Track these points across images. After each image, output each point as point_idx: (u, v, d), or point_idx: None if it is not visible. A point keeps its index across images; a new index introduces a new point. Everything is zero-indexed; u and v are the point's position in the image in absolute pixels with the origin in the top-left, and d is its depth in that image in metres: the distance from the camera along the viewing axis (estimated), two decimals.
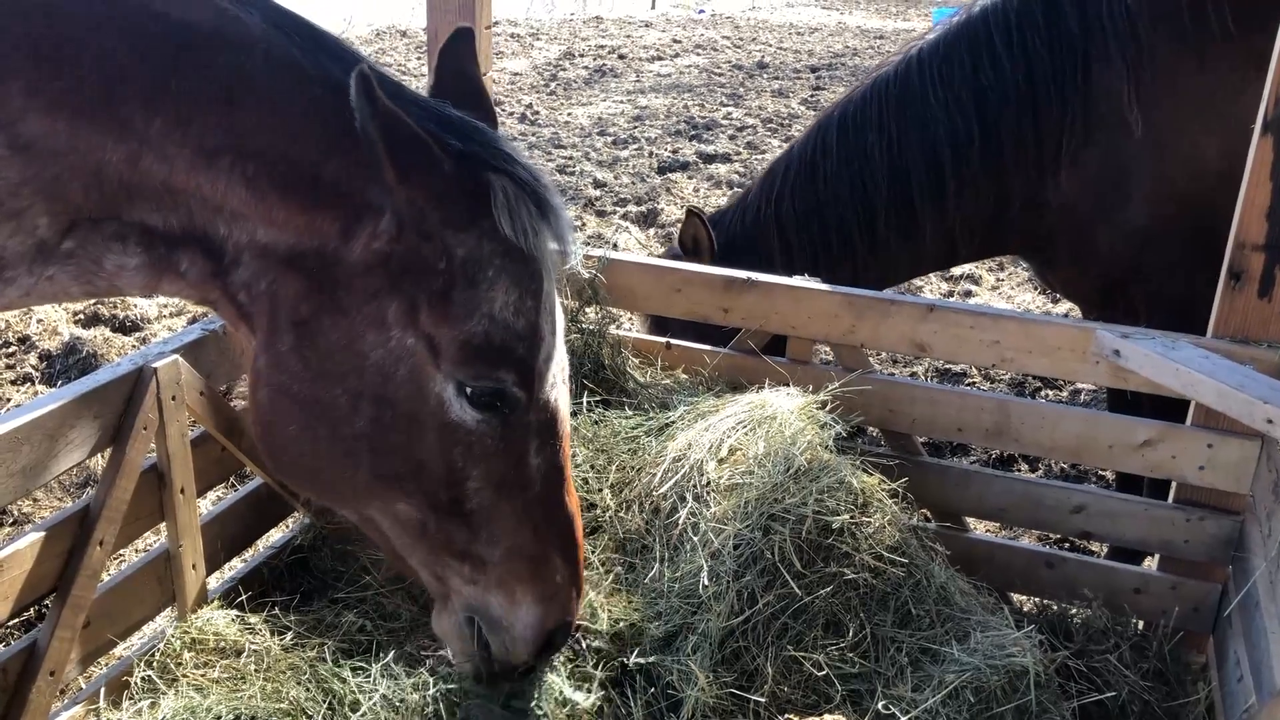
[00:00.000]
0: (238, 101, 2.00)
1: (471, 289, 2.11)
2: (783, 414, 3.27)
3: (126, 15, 1.93)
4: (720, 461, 3.18)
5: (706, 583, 2.92)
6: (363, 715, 2.80)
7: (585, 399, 3.70)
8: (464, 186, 2.07)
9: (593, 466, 3.50)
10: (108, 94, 1.91)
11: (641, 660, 2.94)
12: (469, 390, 2.14)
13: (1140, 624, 3.56)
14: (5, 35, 1.85)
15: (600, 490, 3.44)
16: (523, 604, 2.36)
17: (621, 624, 3.06)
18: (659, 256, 4.53)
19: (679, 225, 4.83)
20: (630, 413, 3.68)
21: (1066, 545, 4.73)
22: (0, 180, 1.88)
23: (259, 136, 2.01)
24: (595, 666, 2.93)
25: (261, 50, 2.01)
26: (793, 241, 4.52)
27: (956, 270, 8.16)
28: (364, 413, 2.13)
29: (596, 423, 3.60)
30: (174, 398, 3.07)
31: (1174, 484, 3.56)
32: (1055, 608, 3.60)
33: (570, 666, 2.93)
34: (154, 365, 3.00)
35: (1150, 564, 3.96)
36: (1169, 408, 3.64)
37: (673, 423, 3.54)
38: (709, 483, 3.16)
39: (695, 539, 3.05)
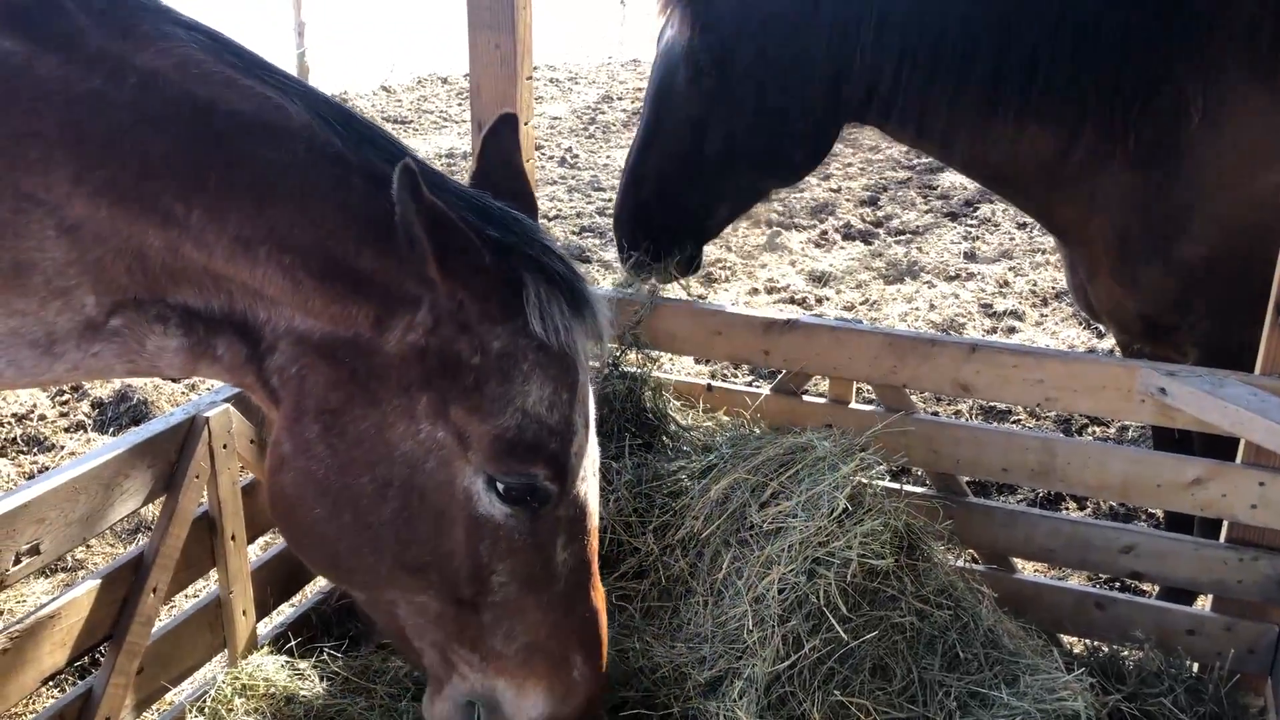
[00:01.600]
0: (276, 194, 2.03)
1: (505, 384, 2.10)
2: (826, 456, 3.27)
3: (169, 105, 1.97)
4: (763, 505, 3.18)
5: (751, 627, 2.92)
6: None
7: (628, 442, 3.72)
8: (502, 281, 2.07)
9: (635, 510, 3.51)
10: (148, 184, 1.95)
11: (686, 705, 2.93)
12: (500, 486, 2.12)
13: (1195, 666, 3.50)
14: (58, 123, 1.90)
15: (644, 534, 3.44)
16: (530, 696, 2.30)
17: (665, 668, 3.06)
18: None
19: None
20: (673, 455, 3.69)
21: (1116, 585, 4.67)
22: (49, 259, 1.94)
23: (297, 228, 2.03)
24: None
25: (304, 140, 2.04)
26: (893, 38, 3.64)
27: (999, 306, 8.12)
28: (391, 502, 2.11)
29: (639, 465, 3.61)
30: (225, 446, 3.12)
31: (1225, 523, 3.51)
32: (1106, 650, 3.55)
33: None
34: (206, 414, 3.06)
35: (1204, 604, 3.90)
36: (1219, 445, 3.58)
37: (715, 466, 3.54)
38: (752, 526, 3.16)
39: (739, 583, 3.05)
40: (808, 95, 3.83)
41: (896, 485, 3.59)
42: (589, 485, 2.29)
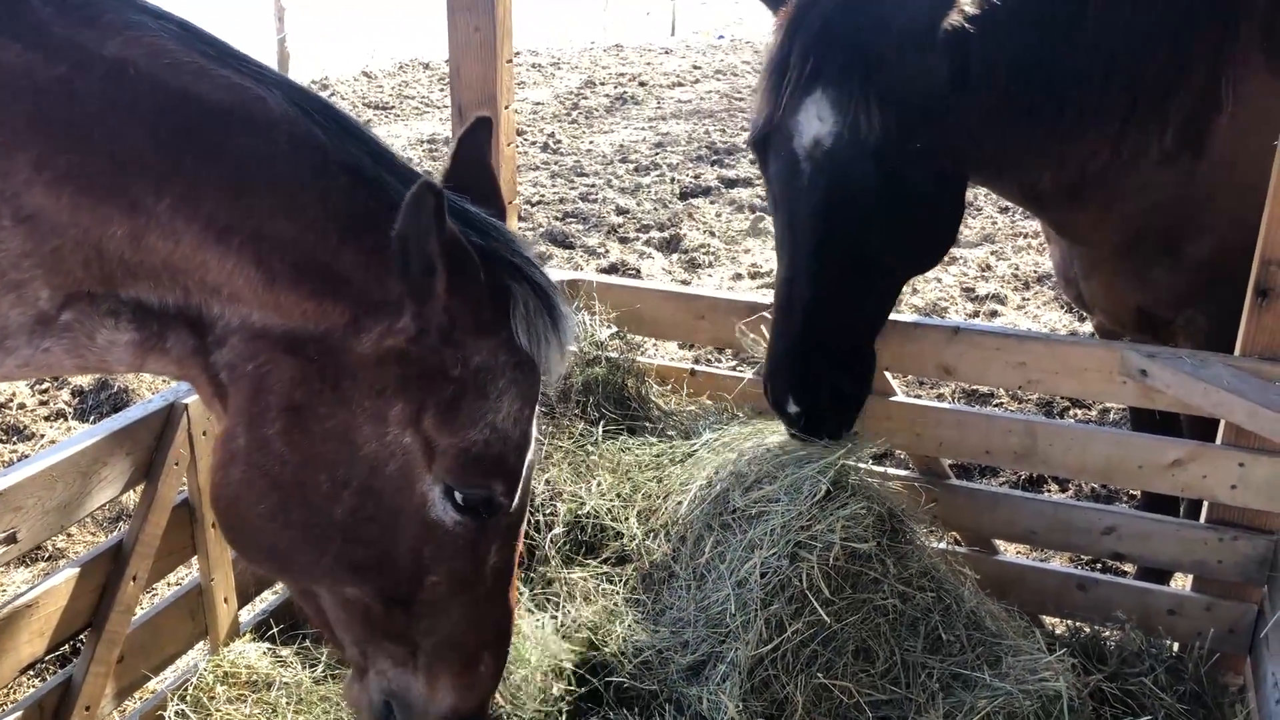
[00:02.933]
0: (254, 182, 1.98)
1: (481, 399, 2.08)
2: (809, 439, 3.27)
3: (143, 93, 1.92)
4: (746, 489, 3.18)
5: (734, 611, 2.92)
6: None
7: (608, 427, 3.72)
8: (491, 295, 2.05)
9: (619, 495, 3.51)
10: (116, 171, 1.90)
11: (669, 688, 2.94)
12: (457, 496, 2.12)
13: (1175, 646, 3.52)
14: (19, 110, 1.86)
15: (626, 519, 3.44)
16: (441, 690, 2.31)
17: (648, 652, 3.06)
18: None
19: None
20: (655, 440, 3.68)
21: (1097, 567, 4.69)
22: (3, 251, 1.88)
23: (274, 220, 1.98)
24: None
25: (284, 131, 2.00)
26: (1002, 76, 3.26)
27: (981, 290, 8.14)
28: (345, 503, 2.08)
29: (622, 450, 3.60)
30: (205, 433, 3.10)
31: (1205, 504, 3.53)
32: (1088, 630, 3.56)
33: None
34: (185, 401, 3.03)
35: (1183, 584, 3.92)
36: (1208, 424, 3.58)
37: (698, 450, 3.54)
38: (735, 510, 3.16)
39: (722, 567, 3.05)
40: (954, 167, 3.36)
41: (880, 469, 3.59)
42: (526, 496, 2.31)
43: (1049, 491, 5.45)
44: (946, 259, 8.85)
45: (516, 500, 2.23)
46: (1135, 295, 3.82)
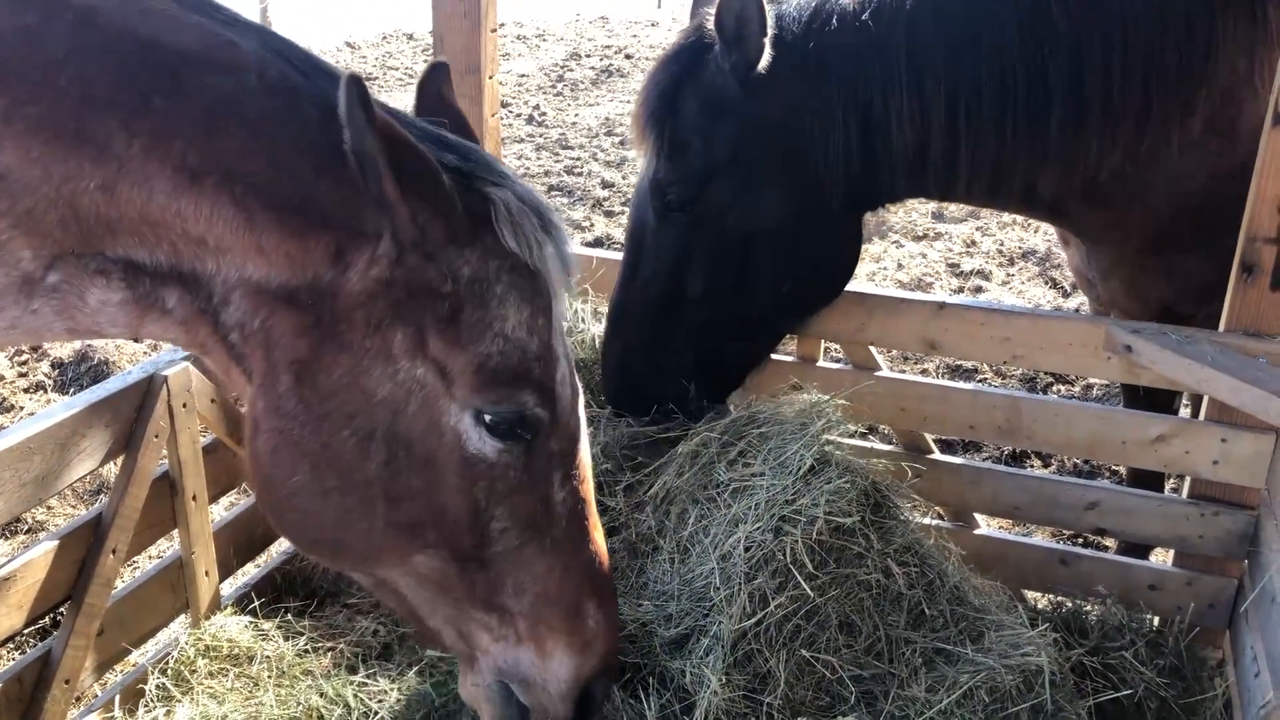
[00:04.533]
0: (225, 121, 1.91)
1: (481, 309, 2.01)
2: (793, 414, 3.26)
3: (110, 40, 1.87)
4: (730, 463, 3.17)
5: (718, 585, 2.91)
6: None
7: (593, 404, 3.70)
8: (465, 201, 1.99)
9: (604, 470, 3.49)
10: (86, 115, 1.84)
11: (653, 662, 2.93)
12: (488, 418, 2.02)
13: (1156, 620, 3.54)
14: None
15: (613, 492, 3.43)
16: (554, 655, 2.21)
17: (632, 625, 3.06)
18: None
19: None
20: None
21: (1079, 542, 4.71)
22: None
23: (247, 158, 1.92)
24: None
25: (255, 71, 1.94)
26: (925, 81, 3.16)
27: (966, 265, 8.14)
28: (375, 455, 2.00)
29: (608, 425, 3.59)
30: (185, 405, 3.07)
31: (1188, 479, 3.54)
32: (1070, 605, 3.58)
33: None
34: (165, 373, 3.01)
35: (1163, 558, 3.94)
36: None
37: (683, 424, 3.52)
38: (720, 484, 3.15)
39: (706, 541, 3.05)
40: (821, 204, 3.30)
41: (864, 443, 3.58)
42: (579, 419, 2.21)
43: (1031, 467, 5.47)
44: (932, 234, 8.86)
45: (563, 420, 2.14)
46: (1161, 291, 3.72)
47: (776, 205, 3.26)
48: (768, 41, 3.09)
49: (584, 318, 3.93)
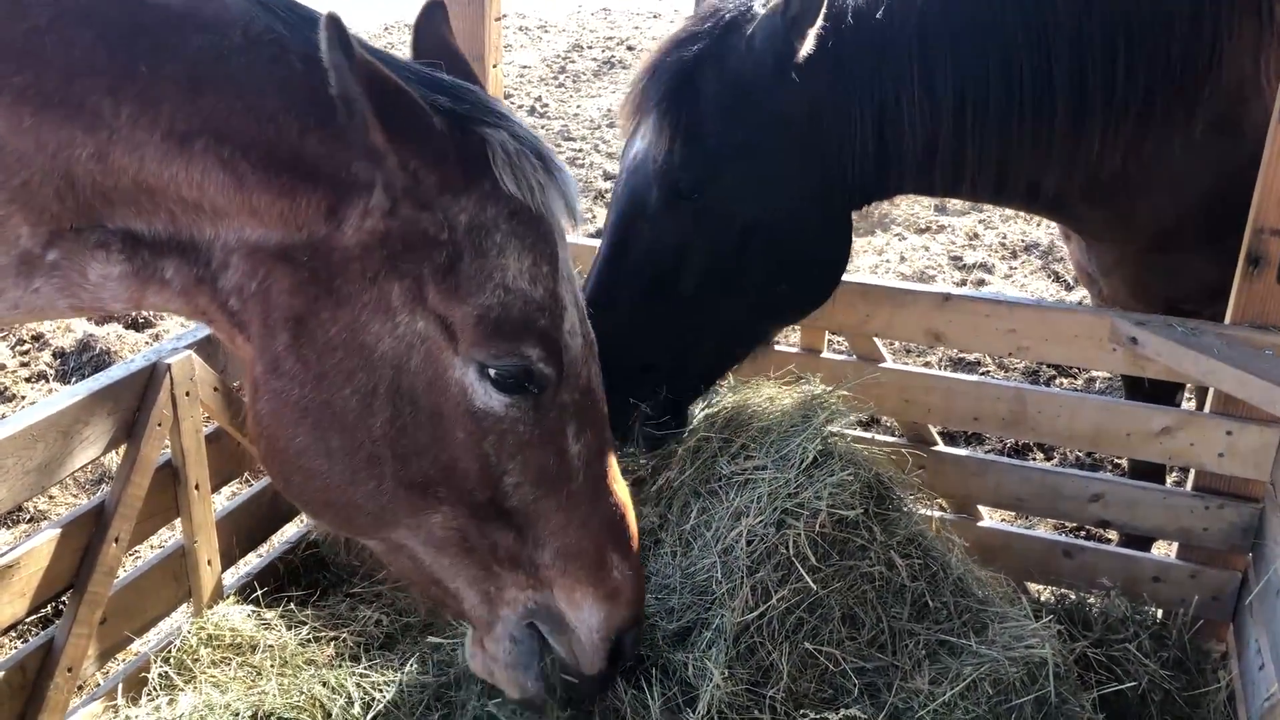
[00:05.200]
0: (210, 81, 1.86)
1: (480, 258, 1.94)
2: (796, 406, 3.25)
3: (93, 3, 1.84)
4: (733, 456, 3.16)
5: (720, 578, 2.91)
6: (379, 712, 2.80)
7: None
8: (459, 146, 1.93)
9: None
10: (74, 83, 1.80)
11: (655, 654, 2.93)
12: (492, 372, 1.97)
13: (1159, 612, 3.54)
14: None
15: None
16: (584, 605, 2.18)
17: None
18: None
19: None
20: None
21: (1081, 534, 4.71)
22: None
23: (235, 117, 1.86)
24: None
25: (240, 27, 1.90)
26: (936, 81, 3.11)
27: (969, 258, 8.13)
28: (380, 412, 1.95)
29: None
30: (188, 393, 3.07)
31: (1192, 471, 3.54)
32: (1073, 597, 3.58)
33: None
34: (168, 361, 3.00)
35: (1165, 551, 3.93)
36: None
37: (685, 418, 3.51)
38: (722, 477, 3.14)
39: (708, 534, 3.04)
40: (830, 197, 3.23)
41: (867, 434, 3.57)
42: (591, 368, 2.15)
43: (1034, 459, 5.47)
44: (934, 227, 8.85)
45: (573, 373, 2.09)
46: (1165, 290, 3.68)
47: (786, 198, 3.17)
48: (812, 32, 3.03)
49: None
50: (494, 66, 4.01)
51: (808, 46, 3.04)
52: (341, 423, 1.96)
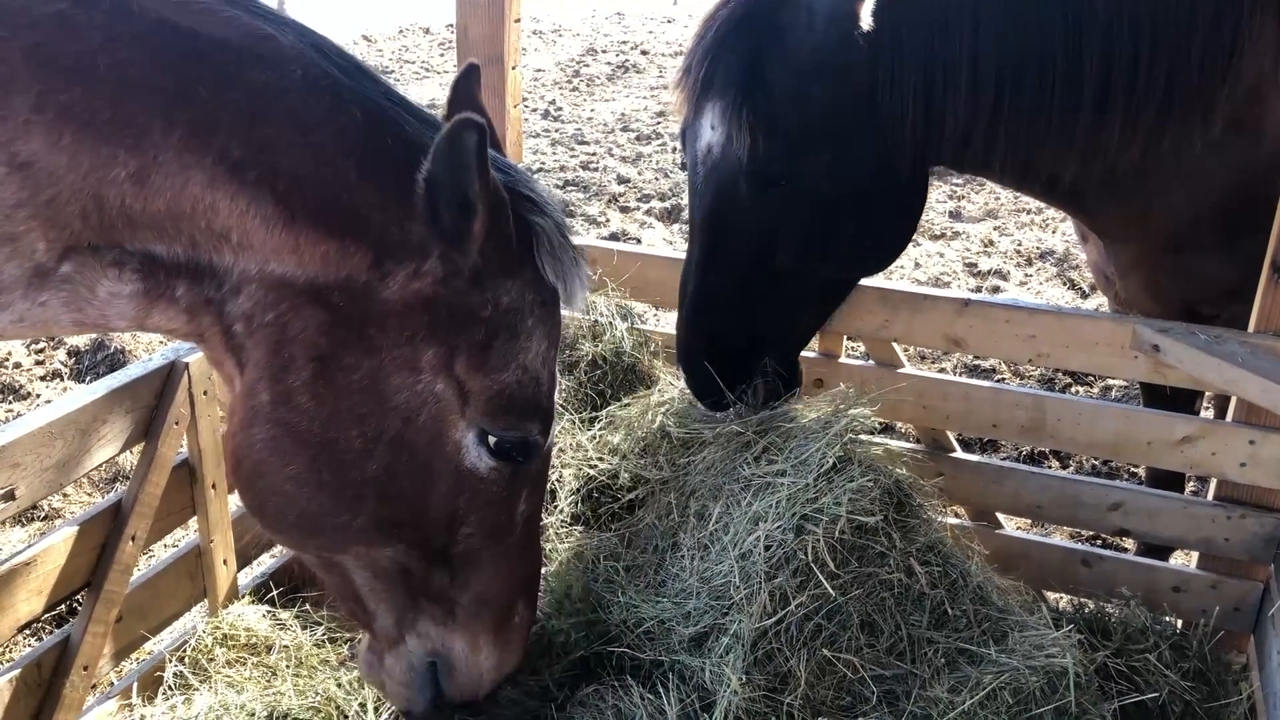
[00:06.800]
0: (269, 115, 1.90)
1: (513, 339, 2.06)
2: (815, 412, 3.23)
3: (148, 28, 1.85)
4: (752, 461, 3.14)
5: (738, 583, 2.89)
6: (393, 712, 2.79)
7: (616, 400, 3.68)
8: (517, 233, 2.03)
9: (625, 466, 3.48)
10: (124, 102, 1.81)
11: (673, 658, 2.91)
12: (492, 440, 2.09)
13: (1179, 623, 3.51)
14: (15, 48, 1.76)
15: (634, 488, 3.41)
16: (484, 649, 2.35)
17: (650, 623, 3.03)
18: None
19: None
20: (662, 409, 3.65)
21: (1098, 542, 4.68)
22: None
23: (293, 152, 1.91)
24: None
25: (297, 68, 1.92)
26: (980, 63, 3.09)
27: (984, 265, 8.10)
28: (378, 458, 2.03)
29: (630, 422, 3.57)
30: (205, 392, 3.06)
31: (1212, 481, 3.51)
32: (1092, 606, 3.55)
33: None
34: (186, 360, 2.99)
35: (1185, 560, 3.90)
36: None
37: (706, 422, 3.50)
38: (741, 481, 3.12)
39: (726, 539, 3.02)
40: (893, 172, 3.23)
41: (884, 440, 3.55)
42: (551, 444, 2.31)
43: (1049, 466, 5.44)
44: (949, 233, 8.82)
45: (547, 445, 2.22)
46: (1181, 291, 3.66)
47: (864, 168, 3.18)
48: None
49: (608, 314, 3.90)
50: (513, 69, 4.00)
51: (867, 14, 3.00)
52: (339, 460, 2.02)
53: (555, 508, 3.48)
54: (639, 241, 8.52)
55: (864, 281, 3.56)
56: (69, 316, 1.94)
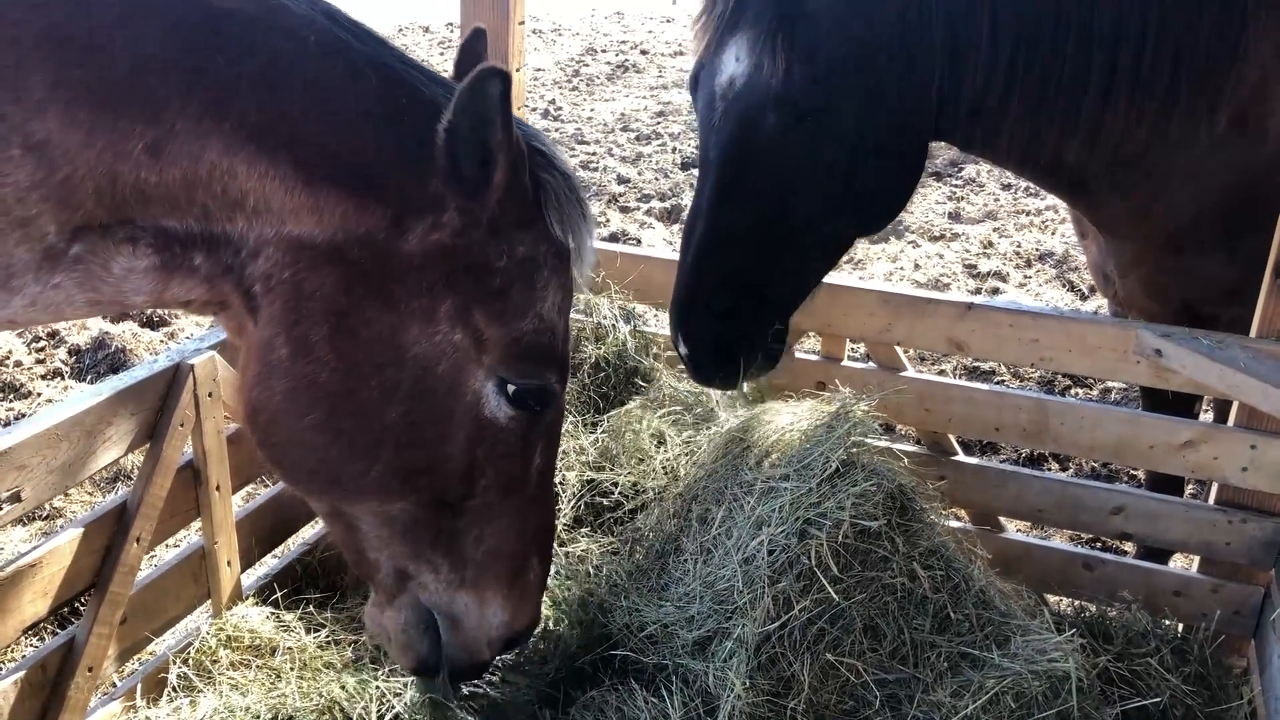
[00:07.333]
0: (286, 81, 1.93)
1: (529, 289, 2.10)
2: (818, 416, 3.24)
3: (161, 3, 1.87)
4: (755, 465, 3.15)
5: (741, 587, 2.89)
6: (397, 714, 2.79)
7: (619, 403, 3.68)
8: (530, 185, 2.08)
9: (628, 469, 3.48)
10: (140, 74, 1.83)
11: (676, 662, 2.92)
12: (511, 388, 2.12)
13: (1180, 627, 3.52)
14: (30, 28, 1.77)
15: (636, 493, 3.42)
16: (493, 604, 2.35)
17: (653, 627, 3.04)
18: None
19: None
20: (665, 413, 3.66)
21: (1098, 545, 4.69)
22: (9, 185, 1.78)
23: (312, 117, 1.94)
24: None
25: (309, 34, 1.96)
26: (1000, 31, 3.06)
27: (984, 266, 8.11)
28: (397, 406, 2.06)
29: (632, 425, 3.58)
30: (210, 394, 3.07)
31: (1214, 485, 3.52)
32: (1094, 609, 3.56)
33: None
34: (191, 362, 3.00)
35: (1185, 563, 3.91)
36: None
37: (708, 425, 3.51)
38: (743, 486, 3.13)
39: (729, 543, 3.03)
40: (915, 125, 3.17)
41: (885, 442, 3.56)
42: (563, 396, 2.34)
43: (1049, 469, 5.45)
44: (949, 235, 8.83)
45: (562, 397, 2.26)
46: (1182, 291, 3.65)
47: (887, 114, 3.09)
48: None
49: (611, 317, 3.91)
50: (517, 70, 4.01)
51: None
52: (358, 410, 2.06)
53: (559, 510, 3.48)
54: (639, 242, 8.52)
55: (866, 284, 3.57)
56: (83, 296, 1.95)
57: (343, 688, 2.91)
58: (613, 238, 8.53)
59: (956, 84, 3.10)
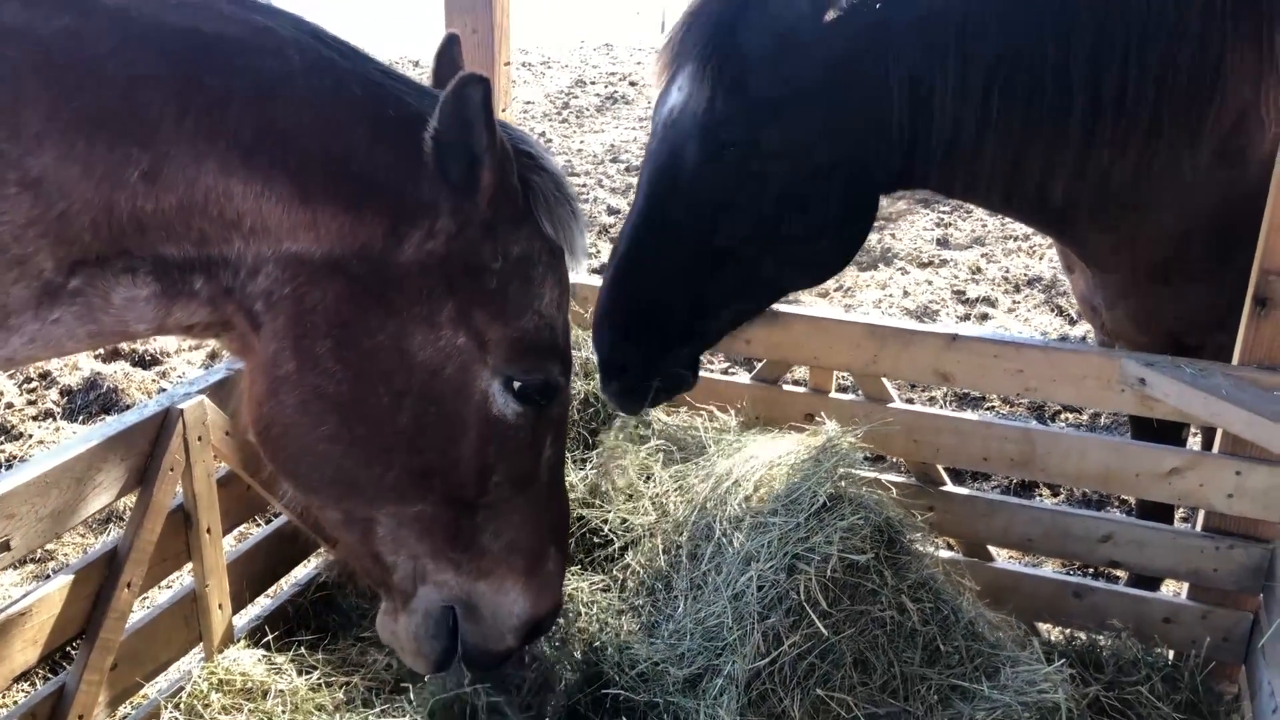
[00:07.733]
0: (276, 98, 1.97)
1: (526, 286, 2.15)
2: (806, 450, 3.26)
3: (150, 30, 1.90)
4: (745, 499, 3.17)
5: (731, 624, 2.90)
6: None
7: (611, 437, 3.70)
8: (518, 185, 2.13)
9: (618, 506, 3.49)
10: (134, 98, 1.86)
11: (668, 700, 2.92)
12: (517, 385, 2.17)
13: (1170, 654, 3.53)
14: (25, 65, 1.79)
15: (626, 531, 3.43)
16: (513, 593, 2.37)
17: (644, 664, 3.05)
18: None
19: None
20: (654, 448, 3.67)
21: (1088, 574, 4.69)
22: (6, 223, 1.78)
23: (304, 133, 1.98)
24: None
25: (295, 53, 2.00)
26: (970, 67, 3.04)
27: (972, 293, 8.15)
28: (406, 411, 2.11)
29: (619, 461, 3.59)
30: (200, 438, 3.08)
31: (1201, 512, 3.53)
32: (1083, 638, 3.57)
33: None
34: (180, 406, 3.01)
35: (1175, 590, 3.92)
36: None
37: (697, 460, 3.52)
38: (732, 522, 3.14)
39: (719, 579, 3.04)
40: (867, 169, 3.14)
41: (873, 474, 3.58)
42: (568, 388, 2.40)
43: (1040, 497, 5.46)
44: (937, 261, 8.88)
45: (566, 389, 2.32)
46: (1167, 322, 3.65)
47: (827, 157, 3.09)
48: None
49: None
50: (503, 111, 4.04)
51: None
52: (371, 417, 2.10)
53: None
54: None
55: (852, 317, 3.58)
56: (84, 329, 1.97)
57: None
58: (603, 269, 8.56)
59: (927, 126, 3.08)
